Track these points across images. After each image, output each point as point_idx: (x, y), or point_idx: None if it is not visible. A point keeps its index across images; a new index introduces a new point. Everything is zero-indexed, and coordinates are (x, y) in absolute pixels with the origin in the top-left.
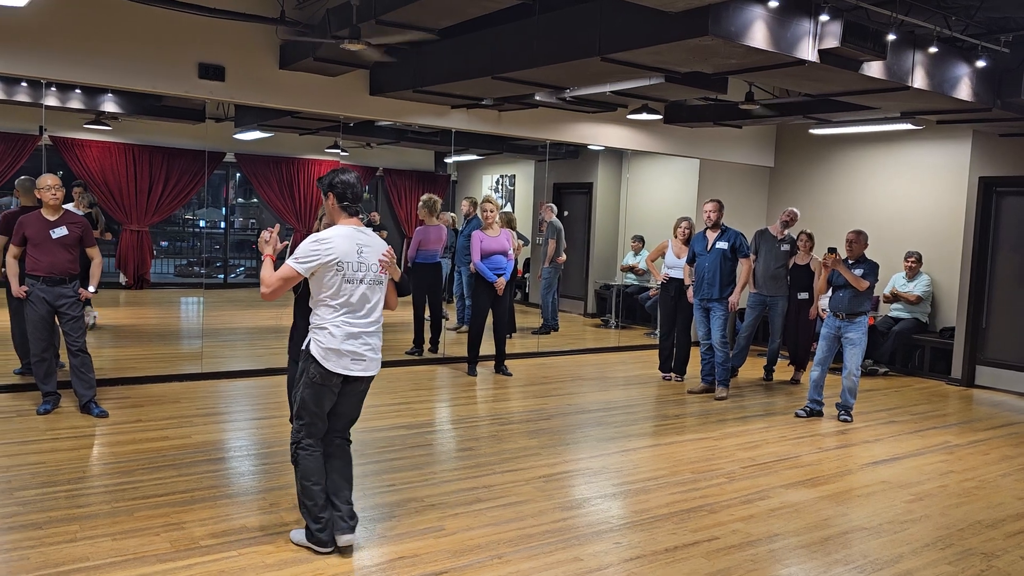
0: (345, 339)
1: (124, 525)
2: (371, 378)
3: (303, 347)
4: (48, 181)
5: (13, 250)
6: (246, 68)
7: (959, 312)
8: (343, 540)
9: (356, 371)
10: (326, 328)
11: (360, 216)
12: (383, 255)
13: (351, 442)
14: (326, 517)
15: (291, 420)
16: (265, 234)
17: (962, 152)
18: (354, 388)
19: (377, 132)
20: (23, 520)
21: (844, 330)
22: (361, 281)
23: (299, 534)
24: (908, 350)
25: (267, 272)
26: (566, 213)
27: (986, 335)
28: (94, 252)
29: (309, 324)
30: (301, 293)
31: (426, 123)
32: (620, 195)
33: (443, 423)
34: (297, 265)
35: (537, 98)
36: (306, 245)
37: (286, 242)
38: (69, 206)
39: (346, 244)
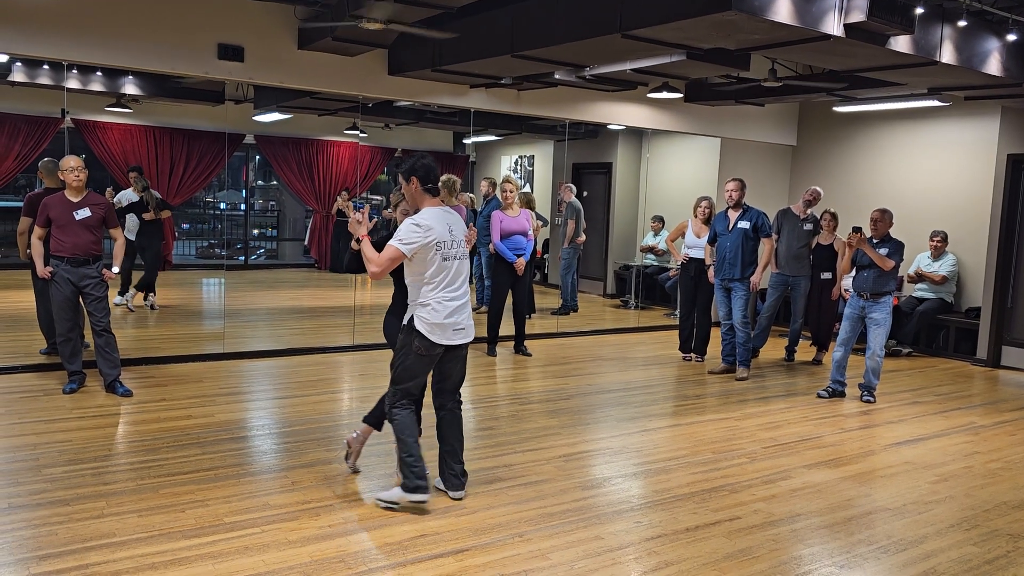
0: (447, 313)
1: (150, 502)
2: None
3: (404, 321)
4: (71, 163)
5: (38, 231)
6: (265, 49)
7: (985, 292)
8: (456, 495)
9: (456, 340)
10: (429, 304)
11: (441, 196)
12: (468, 232)
13: (462, 402)
14: (421, 466)
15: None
16: (357, 215)
17: (990, 129)
18: (456, 354)
19: (396, 113)
20: (51, 497)
21: (868, 310)
22: (455, 257)
23: (394, 493)
24: (933, 330)
25: (372, 252)
26: (585, 193)
27: (1012, 315)
28: (117, 233)
29: (408, 302)
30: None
31: (444, 103)
32: (640, 175)
33: (463, 403)
34: (403, 246)
35: (556, 77)
36: (408, 227)
37: (375, 219)
38: (128, 191)
39: (440, 226)
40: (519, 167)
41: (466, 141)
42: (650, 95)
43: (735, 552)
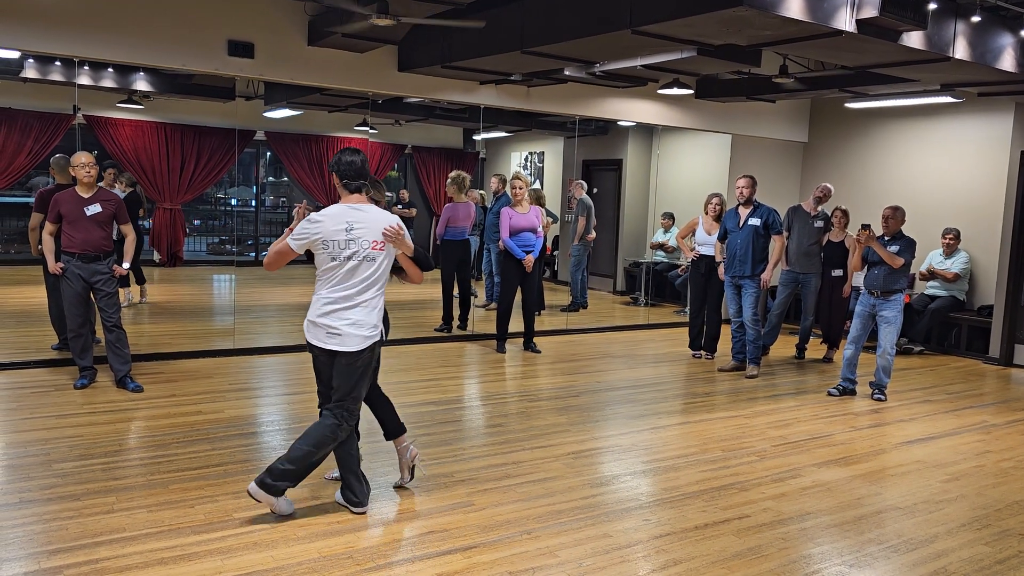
0: (322, 313)
1: (159, 497)
2: (357, 354)
3: None
4: (82, 159)
5: (49, 227)
6: (275, 45)
7: (998, 290)
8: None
9: (330, 345)
10: (312, 301)
11: (367, 193)
12: (386, 228)
13: (335, 414)
14: (350, 477)
15: None
16: (295, 211)
17: (1003, 125)
18: (338, 361)
19: (405, 109)
20: (61, 492)
21: (879, 308)
22: (348, 258)
23: (340, 494)
24: (944, 329)
25: (274, 247)
26: (595, 190)
27: None
28: (128, 229)
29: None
30: None
31: (454, 99)
32: (650, 171)
33: (472, 400)
34: (292, 242)
35: (566, 73)
36: (302, 224)
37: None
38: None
39: (333, 223)
40: (529, 164)
41: (476, 137)
42: (660, 91)
43: (744, 550)
